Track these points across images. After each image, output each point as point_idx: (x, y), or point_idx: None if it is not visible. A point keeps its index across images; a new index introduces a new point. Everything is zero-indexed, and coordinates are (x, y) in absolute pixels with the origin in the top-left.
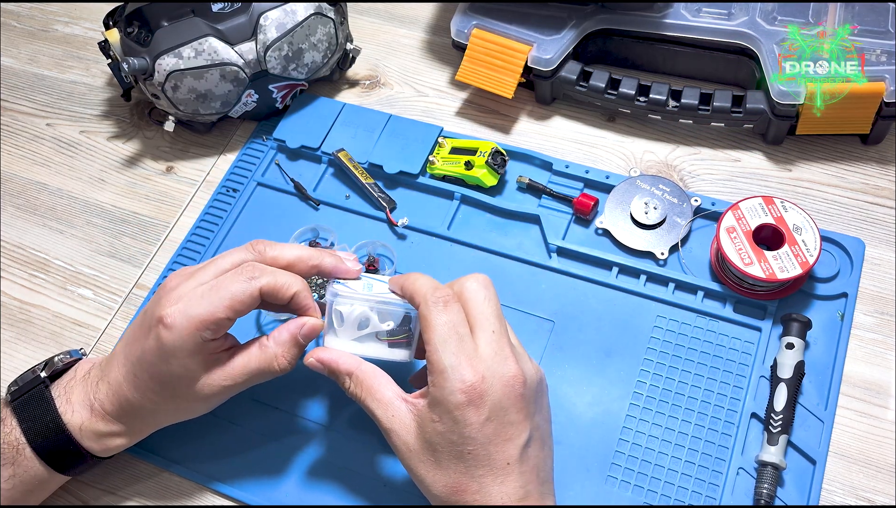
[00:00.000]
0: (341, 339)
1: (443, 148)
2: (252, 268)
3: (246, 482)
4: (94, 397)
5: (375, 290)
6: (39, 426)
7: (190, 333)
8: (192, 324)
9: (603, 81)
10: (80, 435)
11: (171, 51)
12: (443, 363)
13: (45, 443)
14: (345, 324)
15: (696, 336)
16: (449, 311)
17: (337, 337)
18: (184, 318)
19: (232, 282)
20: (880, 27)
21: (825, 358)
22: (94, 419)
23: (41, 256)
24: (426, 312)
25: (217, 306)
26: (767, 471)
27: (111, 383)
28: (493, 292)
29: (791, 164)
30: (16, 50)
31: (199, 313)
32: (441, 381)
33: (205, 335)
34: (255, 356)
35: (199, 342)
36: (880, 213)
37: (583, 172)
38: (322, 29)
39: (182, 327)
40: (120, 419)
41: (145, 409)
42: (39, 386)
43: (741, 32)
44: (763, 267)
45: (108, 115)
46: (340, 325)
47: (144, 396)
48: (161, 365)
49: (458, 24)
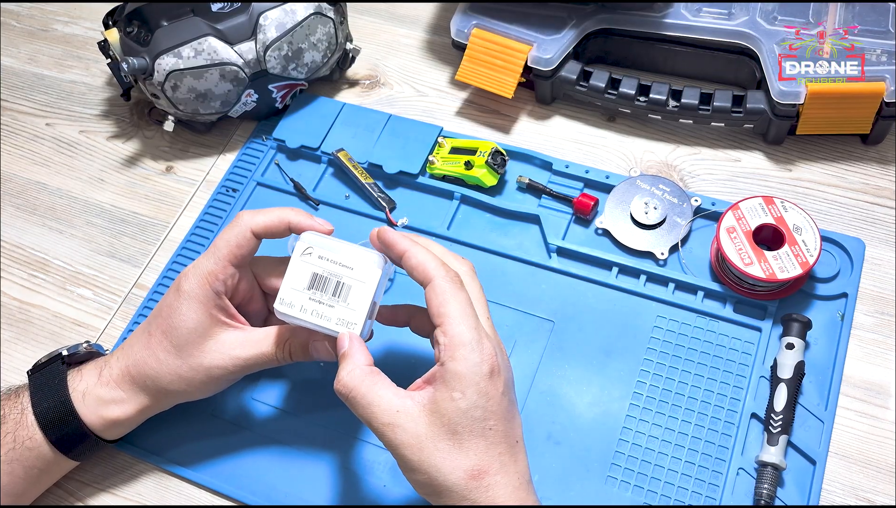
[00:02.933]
0: (296, 292)
1: (443, 148)
2: (240, 215)
3: (245, 482)
4: (105, 363)
5: (344, 253)
6: (45, 392)
7: (201, 284)
8: (202, 276)
9: (603, 81)
10: (81, 404)
11: (170, 50)
12: (466, 335)
13: (47, 412)
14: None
15: (696, 336)
16: (464, 289)
17: (291, 287)
18: (195, 272)
19: (226, 233)
20: (880, 27)
21: (825, 359)
22: (99, 384)
23: (41, 256)
24: (446, 285)
25: (218, 257)
26: (767, 472)
27: (124, 348)
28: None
29: (791, 164)
30: (15, 49)
31: (206, 266)
32: (465, 353)
33: (215, 286)
34: (263, 332)
35: (211, 294)
36: (880, 213)
37: (583, 172)
38: (322, 28)
39: (194, 279)
40: (123, 383)
41: (150, 369)
42: (57, 361)
43: (741, 32)
44: (763, 268)
45: (107, 115)
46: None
47: (152, 353)
48: (174, 316)
49: (457, 24)
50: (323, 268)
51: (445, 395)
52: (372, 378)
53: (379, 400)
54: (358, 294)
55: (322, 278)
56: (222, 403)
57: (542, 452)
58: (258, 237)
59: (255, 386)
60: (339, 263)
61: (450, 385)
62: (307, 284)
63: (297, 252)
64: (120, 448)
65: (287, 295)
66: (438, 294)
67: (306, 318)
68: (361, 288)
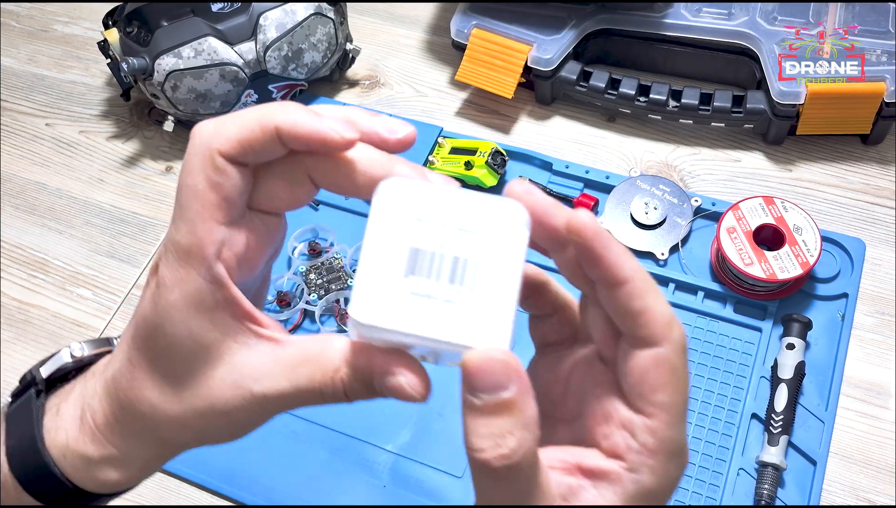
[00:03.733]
0: (382, 286)
1: (442, 148)
2: (195, 132)
3: (245, 482)
4: (88, 403)
5: (460, 207)
6: (18, 443)
7: (183, 277)
8: (181, 260)
9: (603, 81)
10: (63, 462)
11: (170, 50)
12: (677, 444)
13: (25, 470)
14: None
15: (696, 336)
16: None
17: (377, 276)
18: (170, 257)
19: (186, 175)
20: (880, 27)
21: (826, 359)
22: (82, 436)
23: (40, 256)
24: (677, 360)
25: (192, 220)
26: (768, 472)
27: (107, 379)
28: None
29: (791, 164)
30: (15, 50)
31: (182, 241)
32: (671, 469)
33: (209, 271)
34: (305, 348)
35: (204, 288)
36: (880, 213)
37: (583, 172)
38: (322, 29)
39: (173, 270)
40: (113, 435)
41: (143, 416)
42: (30, 391)
43: (741, 32)
44: (763, 268)
45: (107, 115)
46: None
47: (139, 394)
48: (158, 336)
49: (457, 24)
50: (428, 238)
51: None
52: (538, 455)
53: (535, 491)
54: (494, 273)
55: (428, 254)
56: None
57: None
58: (238, 163)
59: None
60: (454, 225)
61: (630, 503)
62: (403, 269)
63: (377, 215)
64: None
65: (369, 294)
66: (664, 371)
67: (411, 330)
68: (499, 263)
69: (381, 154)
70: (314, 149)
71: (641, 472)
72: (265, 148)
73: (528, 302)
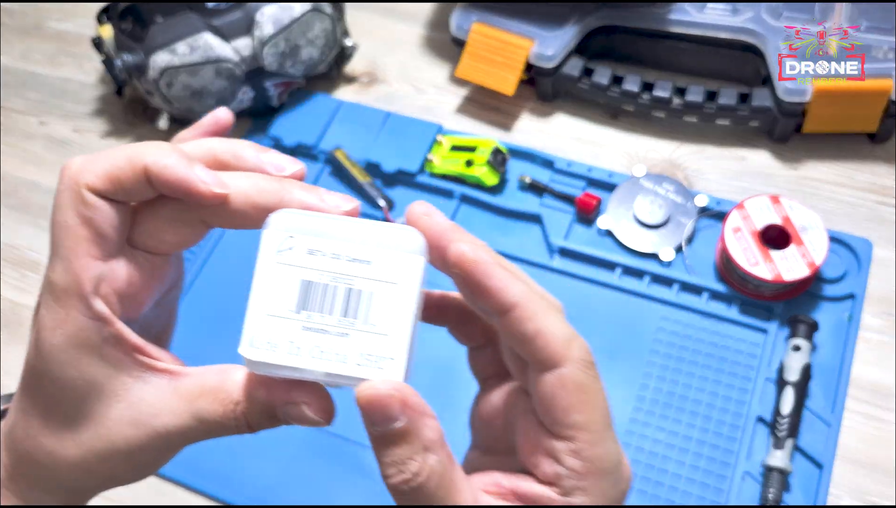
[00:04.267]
0: (273, 317)
1: (442, 146)
2: (65, 168)
3: (241, 485)
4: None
5: (352, 237)
6: None
7: (65, 319)
8: (62, 300)
9: (606, 78)
10: None
11: (165, 47)
12: (609, 460)
13: None
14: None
15: (700, 338)
16: (600, 382)
17: (267, 312)
18: (49, 299)
19: (58, 211)
20: (887, 24)
21: (832, 361)
22: None
23: (34, 256)
24: (585, 379)
25: (67, 257)
26: (774, 476)
27: (5, 433)
28: None
29: (797, 163)
30: (8, 46)
31: (59, 281)
32: (606, 487)
33: (90, 309)
34: (203, 380)
35: (88, 327)
36: (888, 213)
37: (585, 171)
38: (319, 25)
39: (53, 312)
40: (18, 488)
41: (43, 468)
42: None
43: (747, 29)
44: (769, 268)
45: (101, 113)
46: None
47: (37, 444)
48: (46, 383)
49: (457, 20)
50: (320, 271)
51: None
52: (451, 473)
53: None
54: (388, 304)
55: (320, 288)
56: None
57: None
58: (109, 198)
59: None
60: (346, 256)
61: None
62: (295, 303)
63: (266, 249)
64: None
65: (259, 330)
66: (571, 391)
67: (304, 365)
68: (393, 293)
69: (272, 182)
70: (182, 197)
71: (575, 496)
72: (134, 187)
73: (460, 331)
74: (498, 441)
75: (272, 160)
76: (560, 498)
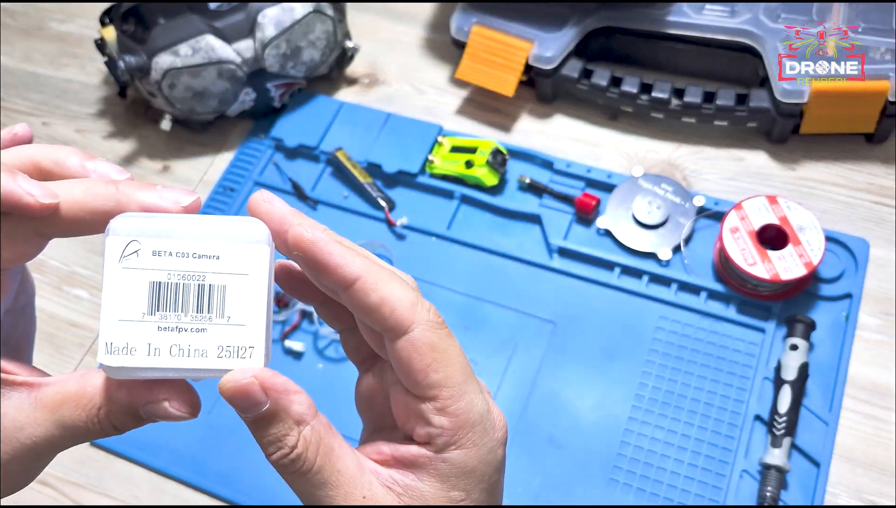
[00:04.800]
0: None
1: (442, 147)
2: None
3: (242, 484)
4: None
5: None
6: None
7: None
8: None
9: (605, 79)
10: None
11: (167, 48)
12: (475, 411)
13: None
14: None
15: (699, 337)
16: (453, 337)
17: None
18: None
19: None
20: (885, 25)
21: (829, 360)
22: None
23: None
24: (434, 337)
25: None
26: (771, 474)
27: None
28: None
29: (795, 163)
30: (11, 48)
31: None
32: (476, 438)
33: None
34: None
35: None
36: (885, 213)
37: (584, 171)
38: (320, 26)
39: None
40: None
41: None
42: None
43: (744, 30)
44: (767, 268)
45: (103, 114)
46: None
47: None
48: None
49: (458, 21)
50: (167, 271)
51: (440, 494)
52: (328, 440)
53: (338, 477)
54: (241, 295)
55: (170, 287)
56: (218, 405)
57: (544, 456)
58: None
59: None
60: (192, 254)
61: (449, 481)
62: (146, 306)
63: (110, 256)
64: (116, 450)
65: (114, 337)
66: (425, 353)
67: (165, 364)
68: (244, 284)
69: (106, 185)
70: (10, 212)
71: (448, 451)
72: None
73: (325, 313)
74: (383, 417)
75: (97, 168)
76: (435, 456)
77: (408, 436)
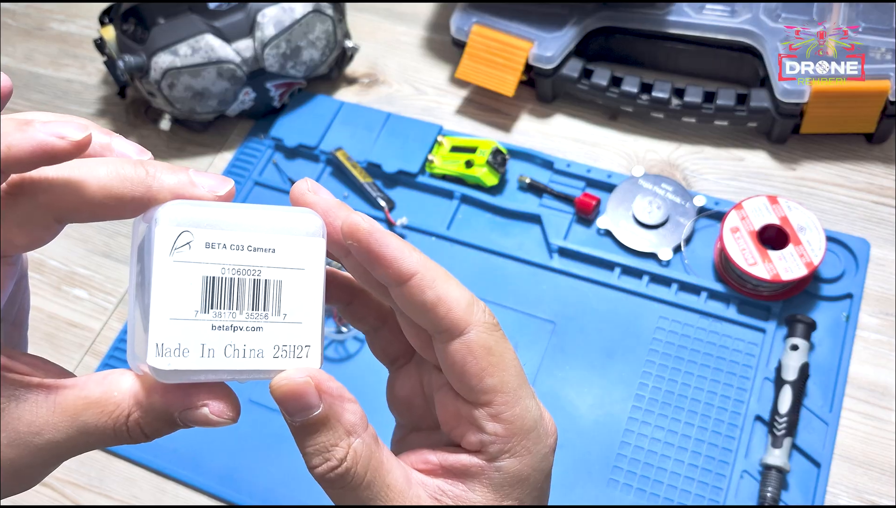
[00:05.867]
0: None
1: (442, 146)
2: None
3: (243, 484)
4: None
5: (251, 226)
6: None
7: None
8: None
9: (605, 79)
10: None
11: (167, 48)
12: (529, 419)
13: None
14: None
15: (699, 337)
16: (507, 341)
17: (171, 316)
18: None
19: None
20: (885, 25)
21: (830, 360)
22: None
23: (35, 256)
24: (491, 340)
25: None
26: (772, 474)
27: None
28: None
29: (795, 163)
30: (11, 48)
31: None
32: (530, 445)
33: None
34: (86, 392)
35: None
36: (885, 213)
37: (584, 171)
38: (320, 26)
39: None
40: None
41: None
42: None
43: (745, 30)
44: (767, 268)
45: (103, 114)
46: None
47: None
48: None
49: (457, 22)
50: (222, 265)
51: (492, 504)
52: (378, 454)
53: (387, 492)
54: (297, 291)
55: (225, 282)
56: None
57: None
58: None
59: (252, 388)
60: (248, 246)
61: (502, 491)
62: (199, 303)
63: (160, 248)
64: (116, 451)
65: (166, 337)
66: (480, 356)
67: (220, 366)
68: (300, 279)
69: (132, 167)
70: (41, 165)
71: (501, 459)
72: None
73: (350, 313)
74: (422, 418)
75: (116, 146)
76: (487, 465)
77: (454, 442)
